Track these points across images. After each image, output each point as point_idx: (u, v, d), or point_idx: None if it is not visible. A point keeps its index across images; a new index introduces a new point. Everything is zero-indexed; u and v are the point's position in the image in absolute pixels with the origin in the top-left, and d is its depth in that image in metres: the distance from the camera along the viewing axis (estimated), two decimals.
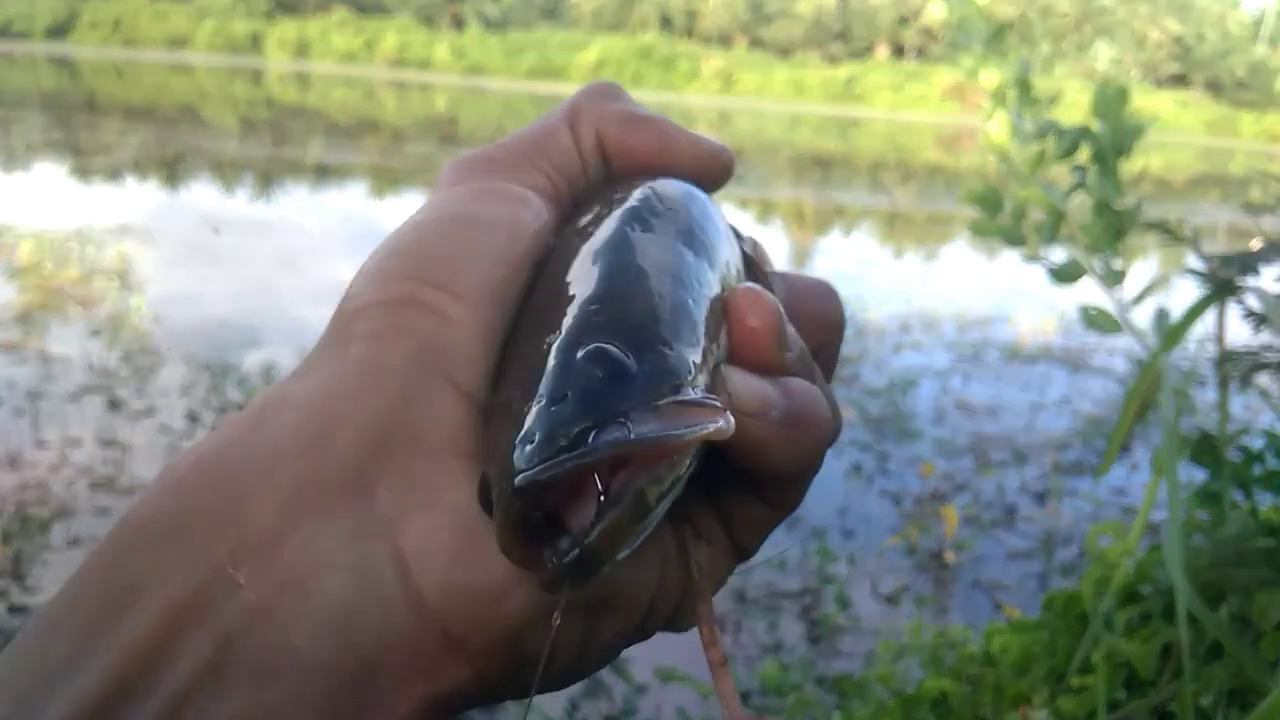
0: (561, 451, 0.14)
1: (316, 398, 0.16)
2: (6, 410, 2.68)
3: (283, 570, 0.15)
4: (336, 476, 0.16)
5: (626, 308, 0.18)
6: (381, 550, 0.16)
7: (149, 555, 0.15)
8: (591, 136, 0.22)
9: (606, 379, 0.16)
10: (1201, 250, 1.00)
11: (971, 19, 1.14)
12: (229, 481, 0.16)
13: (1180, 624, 0.81)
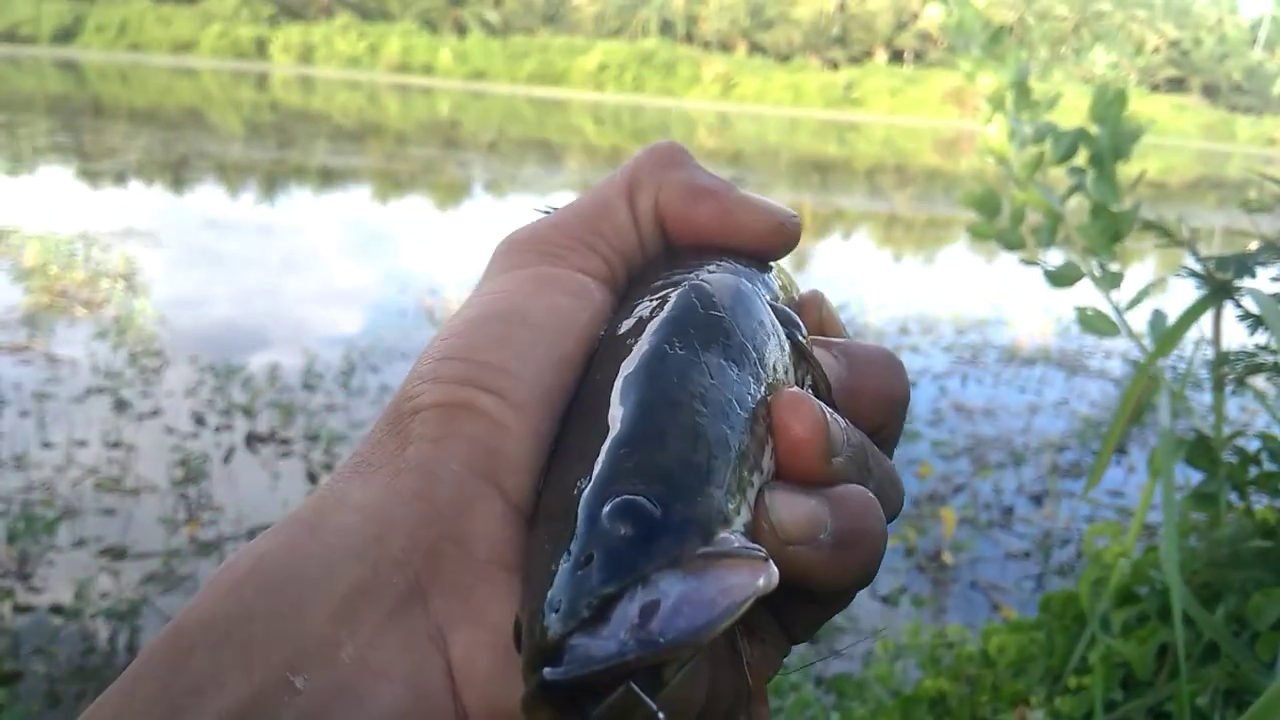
0: (584, 619, 0.14)
1: (374, 502, 0.17)
2: (13, 411, 2.68)
3: (339, 678, 0.15)
4: (390, 584, 0.16)
5: (656, 450, 0.17)
6: (434, 663, 0.16)
7: (207, 659, 0.15)
8: (650, 208, 0.22)
9: (631, 536, 0.15)
10: (1198, 252, 1.01)
11: (969, 22, 1.15)
12: (287, 585, 0.16)
13: (1176, 624, 0.82)
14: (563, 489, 0.17)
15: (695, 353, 0.19)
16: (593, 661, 0.14)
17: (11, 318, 3.59)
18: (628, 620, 0.14)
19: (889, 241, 8.08)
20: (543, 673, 0.14)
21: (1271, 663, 0.83)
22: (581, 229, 0.21)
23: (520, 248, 0.21)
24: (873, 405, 0.22)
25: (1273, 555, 0.92)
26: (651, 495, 0.16)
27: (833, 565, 0.18)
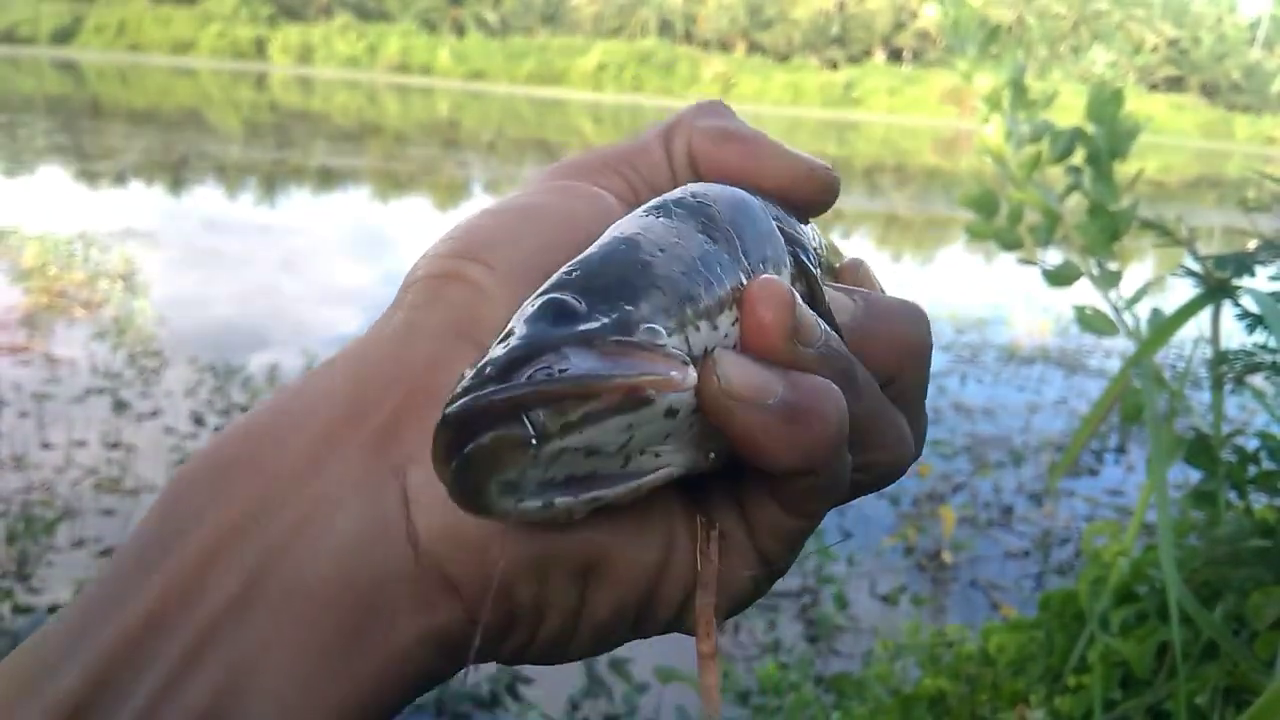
0: (489, 383, 0.15)
1: (355, 358, 0.19)
2: (12, 412, 2.68)
3: (301, 510, 0.17)
4: (361, 427, 0.17)
5: (599, 270, 0.18)
6: (392, 493, 0.17)
7: (189, 503, 0.17)
8: (684, 149, 0.23)
9: (549, 321, 0.16)
10: (1197, 251, 1.01)
11: (966, 22, 1.15)
12: (265, 436, 0.18)
13: (1174, 623, 0.82)
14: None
15: (671, 222, 0.19)
16: (484, 396, 0.15)
17: (11, 318, 3.59)
18: (529, 372, 0.15)
19: (888, 241, 8.08)
20: (444, 411, 0.15)
21: (1270, 662, 0.83)
22: (616, 159, 0.23)
23: (557, 166, 0.23)
24: (887, 350, 0.21)
25: (1272, 554, 0.93)
26: (579, 297, 0.17)
27: (779, 436, 0.18)
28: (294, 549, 0.16)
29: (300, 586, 0.16)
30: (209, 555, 0.16)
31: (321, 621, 0.16)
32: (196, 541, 0.16)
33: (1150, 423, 0.93)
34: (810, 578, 2.14)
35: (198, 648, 0.16)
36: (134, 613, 0.16)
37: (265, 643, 0.16)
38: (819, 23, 45.49)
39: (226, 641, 0.16)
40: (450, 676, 0.18)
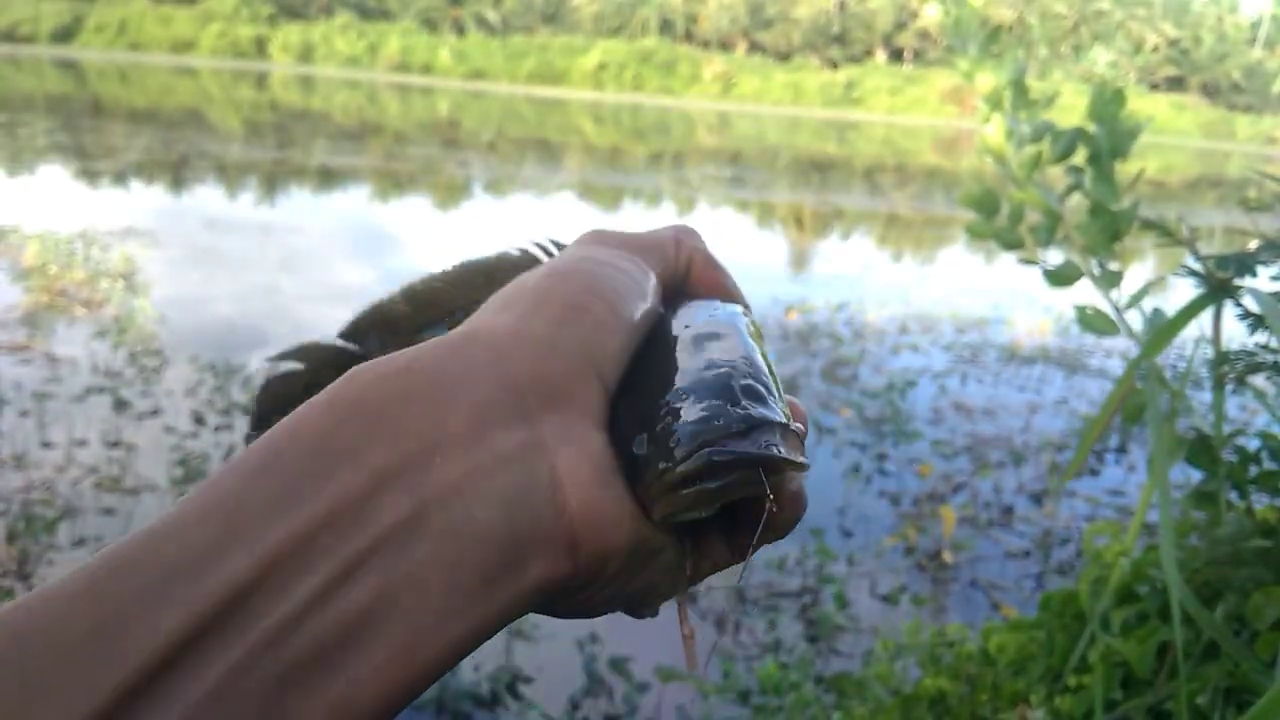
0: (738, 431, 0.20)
1: (504, 346, 0.21)
2: (12, 411, 2.68)
3: (473, 460, 0.19)
4: (514, 405, 0.20)
5: (760, 368, 0.23)
6: (543, 464, 0.20)
7: (360, 429, 0.19)
8: (685, 260, 0.28)
9: (764, 404, 0.21)
10: (1198, 251, 1.01)
11: (967, 20, 1.15)
12: (435, 387, 0.20)
13: (1176, 624, 0.82)
14: (640, 405, 0.22)
15: (750, 328, 0.26)
16: (769, 452, 0.20)
17: (11, 317, 3.59)
18: (767, 439, 0.20)
19: (888, 241, 8.08)
20: (719, 445, 0.20)
21: (1271, 662, 0.83)
22: (645, 248, 0.27)
23: (609, 238, 0.27)
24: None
25: (1273, 554, 0.92)
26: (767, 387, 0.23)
27: (796, 512, 0.24)
28: (465, 491, 0.19)
29: (465, 526, 0.18)
30: (383, 476, 0.18)
31: (472, 561, 0.18)
32: (369, 465, 0.18)
33: (1152, 423, 0.93)
34: (810, 578, 2.14)
35: (358, 562, 0.17)
36: (302, 517, 0.17)
37: (419, 571, 0.17)
38: (820, 22, 45.46)
39: (385, 563, 0.17)
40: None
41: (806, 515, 0.98)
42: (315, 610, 0.16)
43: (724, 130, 21.72)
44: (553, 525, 0.20)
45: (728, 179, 11.26)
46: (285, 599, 0.16)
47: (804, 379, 3.65)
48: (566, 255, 0.26)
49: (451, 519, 0.18)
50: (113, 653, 0.15)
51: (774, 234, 7.91)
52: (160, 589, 0.16)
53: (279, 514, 0.17)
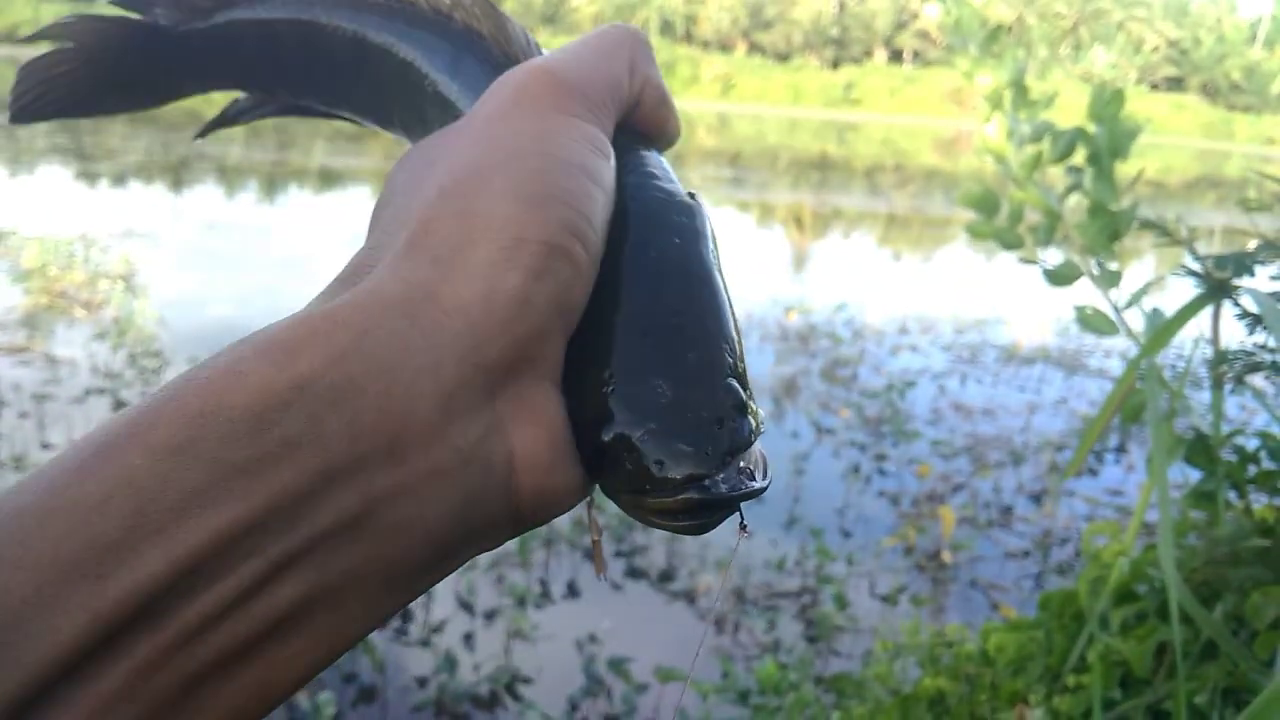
0: (718, 464, 0.19)
1: (473, 313, 0.19)
2: (12, 412, 2.68)
3: (431, 460, 0.17)
4: (481, 387, 0.18)
5: (736, 360, 0.21)
6: (501, 449, 0.19)
7: (305, 418, 0.16)
8: (635, 95, 0.24)
9: (744, 420, 0.20)
10: (1197, 251, 1.01)
11: (967, 21, 1.15)
12: (396, 370, 0.17)
13: (1174, 623, 0.82)
14: (609, 343, 0.20)
15: (718, 268, 0.23)
16: (748, 488, 0.19)
17: (11, 319, 3.59)
18: (746, 467, 0.19)
19: (888, 241, 8.09)
20: (703, 486, 0.19)
21: (1270, 661, 0.83)
22: (607, 93, 0.23)
23: (563, 91, 0.22)
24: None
25: (1272, 554, 0.93)
26: (746, 391, 0.21)
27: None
28: (419, 491, 0.17)
29: (414, 525, 0.17)
30: (329, 476, 0.16)
31: (415, 557, 0.17)
32: (316, 461, 0.16)
33: (1152, 422, 0.93)
34: (810, 578, 2.14)
35: (289, 562, 0.16)
36: (228, 517, 0.15)
37: (356, 569, 0.16)
38: (819, 23, 45.50)
39: (319, 561, 0.16)
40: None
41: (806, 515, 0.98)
42: (236, 609, 0.15)
43: (724, 130, 21.74)
44: (504, 511, 0.19)
45: (728, 179, 11.27)
46: (203, 599, 0.15)
47: (804, 379, 3.65)
48: (524, 127, 0.21)
49: (400, 519, 0.17)
50: (4, 660, 0.13)
51: (774, 234, 7.91)
52: (59, 590, 0.14)
53: (200, 510, 0.15)
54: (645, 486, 0.19)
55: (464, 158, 0.21)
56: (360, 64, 0.28)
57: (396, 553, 0.17)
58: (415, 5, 0.27)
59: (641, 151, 0.24)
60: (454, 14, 0.27)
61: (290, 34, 0.29)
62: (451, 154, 0.21)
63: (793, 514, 2.45)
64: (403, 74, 0.27)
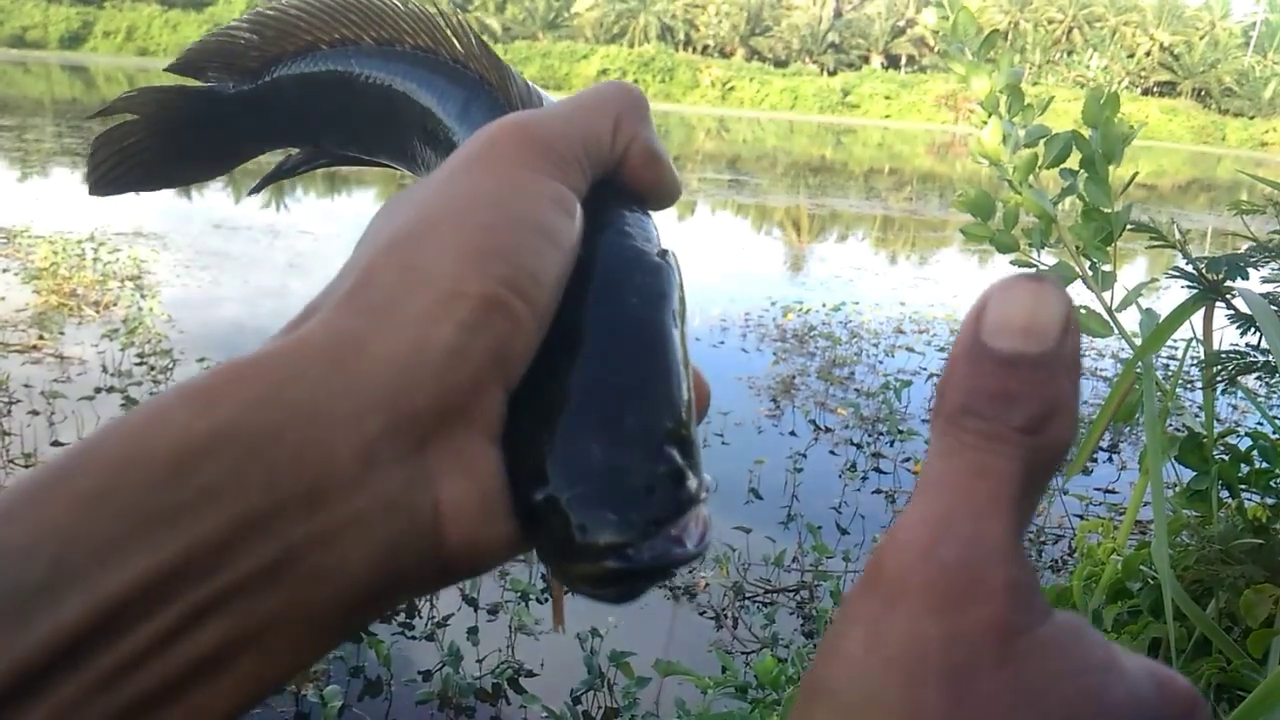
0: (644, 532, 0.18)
1: (403, 363, 0.18)
2: (23, 410, 2.69)
3: (353, 507, 0.17)
4: (408, 436, 0.18)
5: (687, 420, 0.20)
6: (427, 499, 0.18)
7: (227, 466, 0.16)
8: (621, 152, 0.23)
9: (681, 485, 0.19)
10: (1189, 253, 1.03)
11: (963, 26, 1.17)
12: (317, 417, 0.17)
13: (1169, 620, 0.83)
14: (577, 405, 0.20)
15: (677, 330, 0.22)
16: (673, 556, 0.18)
17: (22, 318, 3.59)
18: (675, 534, 0.19)
19: (884, 243, 8.12)
20: (624, 555, 0.18)
21: (1262, 659, 0.84)
22: (580, 151, 0.22)
23: (532, 146, 0.22)
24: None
25: (1264, 552, 0.94)
26: (686, 451, 0.20)
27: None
28: (342, 539, 0.17)
29: (335, 573, 0.17)
30: (248, 525, 0.16)
31: (337, 604, 0.17)
32: (234, 509, 0.16)
33: (1148, 421, 0.95)
34: (807, 574, 2.16)
35: (209, 607, 0.16)
36: (147, 564, 0.15)
37: (278, 615, 0.16)
38: (817, 30, 45.56)
39: (240, 608, 0.16)
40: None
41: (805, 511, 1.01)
42: (157, 653, 0.15)
43: (722, 135, 21.76)
44: (429, 560, 0.18)
45: (726, 182, 11.29)
46: (123, 644, 0.15)
47: (801, 379, 3.67)
48: (483, 182, 0.21)
49: (321, 566, 0.17)
50: None
51: (771, 237, 7.94)
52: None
53: (120, 557, 0.15)
54: (567, 552, 0.18)
55: (419, 208, 0.20)
56: (389, 110, 0.29)
57: (318, 599, 0.17)
58: (437, 53, 0.28)
59: (621, 210, 0.24)
60: (469, 63, 0.27)
61: (329, 85, 0.30)
62: (411, 204, 0.21)
63: (791, 511, 2.47)
64: (423, 119, 0.28)
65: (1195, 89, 42.96)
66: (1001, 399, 0.15)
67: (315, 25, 0.29)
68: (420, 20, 0.28)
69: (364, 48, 0.29)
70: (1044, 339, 0.15)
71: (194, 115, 0.33)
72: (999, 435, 0.15)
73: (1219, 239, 7.61)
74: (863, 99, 37.97)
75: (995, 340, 0.15)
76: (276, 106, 0.32)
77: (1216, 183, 17.93)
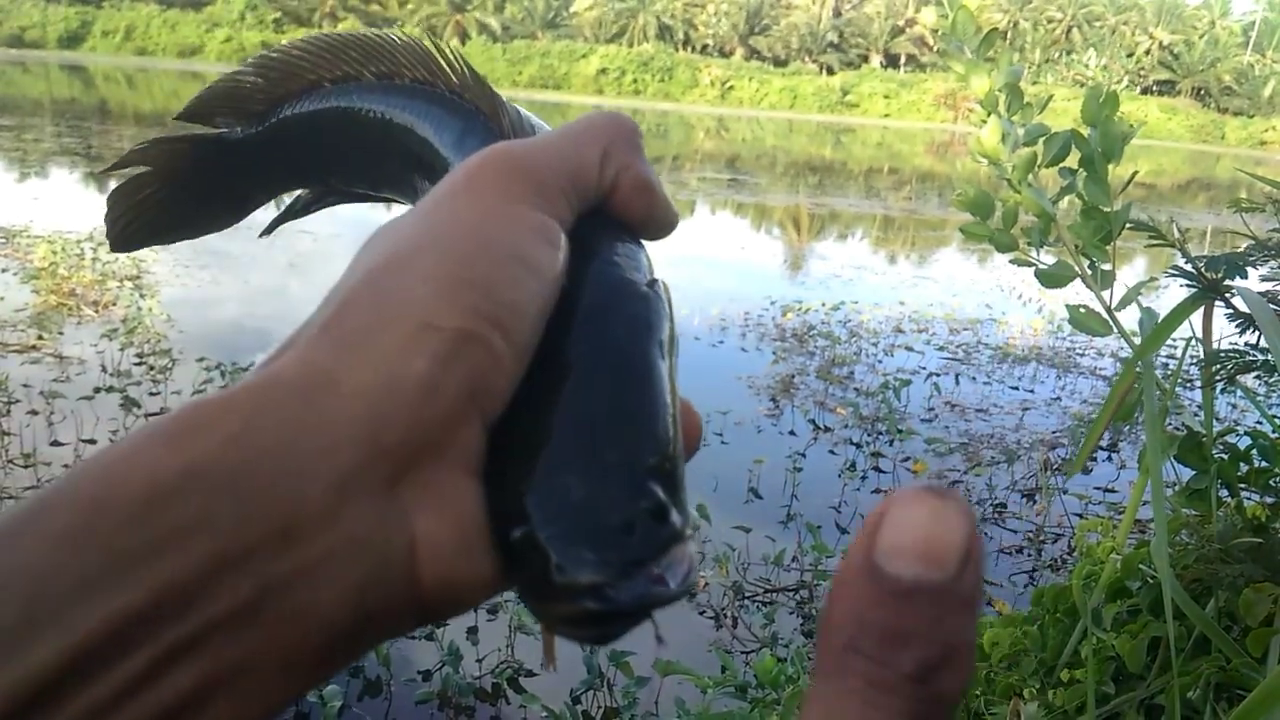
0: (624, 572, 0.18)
1: (375, 398, 0.18)
2: (22, 410, 2.69)
3: (325, 544, 0.17)
4: (380, 471, 0.18)
5: (670, 456, 0.20)
6: (402, 536, 0.18)
7: (198, 503, 0.16)
8: (609, 182, 0.23)
9: (661, 522, 0.18)
10: (1188, 252, 1.02)
11: (962, 25, 1.17)
12: (289, 453, 0.17)
13: (1169, 619, 0.83)
14: (558, 438, 0.19)
15: (664, 362, 0.22)
16: (653, 597, 0.18)
17: (21, 317, 3.60)
18: (655, 573, 0.18)
19: (884, 242, 8.12)
20: (602, 595, 0.18)
21: (1261, 658, 0.84)
22: (566, 181, 0.22)
23: (514, 173, 0.21)
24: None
25: (1263, 551, 0.94)
26: (669, 488, 0.19)
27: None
28: (313, 576, 0.17)
29: (308, 612, 0.17)
30: (221, 563, 0.16)
31: (312, 644, 0.17)
32: (207, 547, 0.16)
33: (1148, 420, 0.95)
34: (807, 573, 2.16)
35: (182, 648, 0.15)
36: (118, 604, 0.15)
37: (251, 656, 0.16)
38: (816, 28, 45.55)
39: (213, 650, 0.16)
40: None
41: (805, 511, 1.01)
42: (130, 696, 0.15)
43: (722, 134, 21.77)
44: (404, 598, 0.18)
45: (725, 182, 11.29)
46: (95, 688, 0.15)
47: (800, 378, 3.68)
48: (464, 212, 0.21)
49: (294, 606, 0.16)
50: None
51: (771, 236, 7.94)
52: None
53: (91, 598, 0.15)
54: (545, 591, 0.18)
55: (398, 239, 0.20)
56: (389, 144, 0.29)
57: (292, 639, 0.16)
58: (434, 85, 0.28)
59: (610, 240, 0.23)
60: (464, 94, 0.27)
61: (331, 122, 0.30)
62: (393, 234, 0.21)
63: (790, 510, 2.47)
64: (421, 151, 0.28)
65: (1194, 88, 42.98)
66: (891, 638, 0.14)
67: (318, 64, 0.29)
68: (417, 53, 0.28)
69: (364, 83, 0.29)
70: (942, 567, 0.14)
71: (205, 162, 0.33)
72: (885, 684, 0.14)
73: (1218, 238, 7.62)
74: (862, 98, 37.95)
75: (889, 564, 0.14)
76: (283, 147, 0.32)
77: (1216, 181, 17.95)
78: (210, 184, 0.34)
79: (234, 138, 0.32)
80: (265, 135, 0.32)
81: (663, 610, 0.18)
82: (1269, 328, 0.84)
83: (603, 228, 0.23)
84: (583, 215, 0.23)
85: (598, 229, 0.23)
